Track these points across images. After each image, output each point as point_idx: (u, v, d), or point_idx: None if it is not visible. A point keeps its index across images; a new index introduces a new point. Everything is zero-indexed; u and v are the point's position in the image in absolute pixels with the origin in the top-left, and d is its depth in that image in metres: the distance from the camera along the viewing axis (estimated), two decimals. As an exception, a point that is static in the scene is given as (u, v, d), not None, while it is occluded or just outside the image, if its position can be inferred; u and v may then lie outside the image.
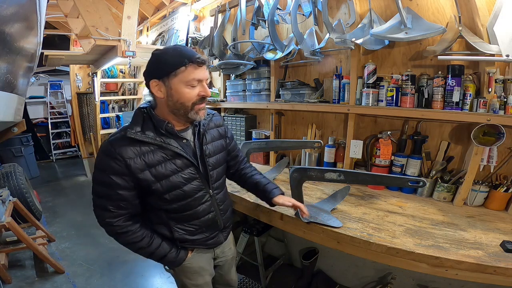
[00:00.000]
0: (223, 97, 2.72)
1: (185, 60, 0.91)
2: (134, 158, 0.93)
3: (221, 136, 1.18)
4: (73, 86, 5.83)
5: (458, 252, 1.04)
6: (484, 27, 1.29)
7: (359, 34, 1.57)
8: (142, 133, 0.95)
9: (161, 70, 0.94)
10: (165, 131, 0.98)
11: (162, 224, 1.08)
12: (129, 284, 2.21)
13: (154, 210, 1.07)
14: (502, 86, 1.31)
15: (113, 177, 0.93)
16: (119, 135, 0.96)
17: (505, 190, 1.36)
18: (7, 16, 1.63)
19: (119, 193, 0.95)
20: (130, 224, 1.00)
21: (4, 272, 2.11)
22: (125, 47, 2.66)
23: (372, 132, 1.79)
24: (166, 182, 0.98)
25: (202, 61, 0.94)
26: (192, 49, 0.97)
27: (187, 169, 1.02)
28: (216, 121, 1.18)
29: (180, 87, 0.94)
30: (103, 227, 1.01)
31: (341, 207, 1.46)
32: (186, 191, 1.02)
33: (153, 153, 0.96)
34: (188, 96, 0.95)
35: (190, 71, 0.93)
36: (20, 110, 2.42)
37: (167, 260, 1.09)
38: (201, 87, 0.97)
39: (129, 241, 1.01)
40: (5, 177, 2.95)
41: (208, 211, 1.11)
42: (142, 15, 4.17)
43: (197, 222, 1.10)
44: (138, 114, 1.00)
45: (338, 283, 2.00)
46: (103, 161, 0.94)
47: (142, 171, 0.94)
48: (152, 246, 1.04)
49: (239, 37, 2.33)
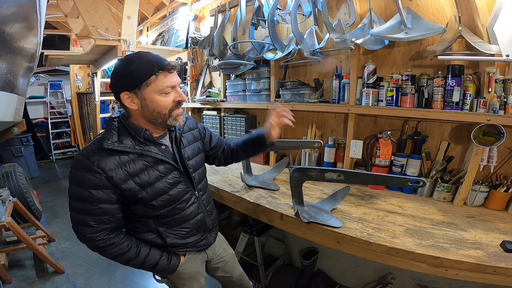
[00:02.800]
0: (223, 97, 2.72)
1: (154, 69, 0.89)
2: (115, 169, 0.90)
3: (196, 139, 1.19)
4: (73, 86, 5.84)
5: (458, 252, 1.04)
6: (484, 27, 1.29)
7: (359, 34, 1.57)
8: (120, 143, 0.92)
9: (131, 82, 0.90)
10: (143, 138, 0.97)
11: (150, 232, 1.05)
12: (129, 284, 2.21)
13: (141, 219, 1.04)
14: (502, 86, 1.30)
15: (93, 192, 0.89)
16: (94, 147, 0.92)
17: (505, 190, 1.36)
18: (7, 16, 1.63)
19: (100, 207, 0.91)
20: (113, 237, 0.96)
21: (4, 272, 2.12)
22: (125, 47, 2.67)
23: (372, 132, 1.79)
24: (152, 189, 0.96)
25: (172, 67, 0.93)
26: (157, 55, 0.94)
27: (171, 174, 1.01)
28: (189, 124, 1.19)
29: (154, 97, 0.92)
30: (84, 243, 0.96)
31: (341, 207, 1.46)
32: (172, 195, 1.02)
33: (134, 162, 0.94)
34: (163, 104, 0.94)
35: (162, 79, 0.91)
36: (20, 110, 2.42)
37: (160, 268, 1.06)
38: (176, 93, 0.97)
39: (115, 253, 0.98)
40: (5, 177, 2.95)
41: (196, 213, 1.11)
42: (142, 15, 4.17)
43: (187, 225, 1.09)
44: (111, 125, 0.96)
45: (338, 283, 2.00)
46: (80, 175, 0.90)
47: (125, 181, 0.92)
48: (141, 256, 1.01)
49: (239, 37, 2.33)
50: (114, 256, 0.99)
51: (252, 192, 1.70)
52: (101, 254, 0.99)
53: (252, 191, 1.73)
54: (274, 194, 1.68)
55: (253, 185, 1.78)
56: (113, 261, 1.01)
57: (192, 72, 3.06)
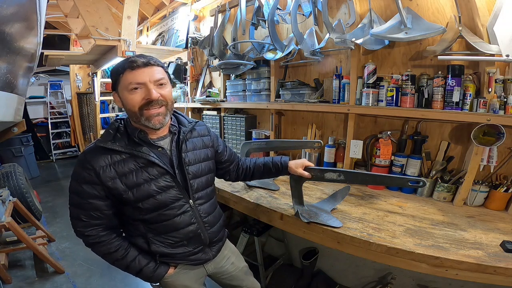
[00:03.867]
0: (223, 97, 2.72)
1: (124, 66, 0.91)
2: (104, 166, 0.92)
3: (205, 146, 1.15)
4: (73, 86, 5.84)
5: (458, 252, 1.04)
6: (484, 27, 1.29)
7: (359, 34, 1.57)
8: (112, 142, 0.94)
9: (113, 82, 0.97)
10: (138, 139, 0.97)
11: (140, 236, 1.04)
12: (129, 284, 2.21)
13: (132, 221, 1.03)
14: (502, 86, 1.30)
15: (84, 186, 0.93)
16: (92, 145, 0.97)
17: (505, 190, 1.36)
18: (7, 16, 1.63)
19: (90, 201, 0.94)
20: (104, 235, 0.98)
21: (4, 272, 2.12)
22: (125, 47, 2.66)
23: (372, 132, 1.79)
24: (138, 191, 0.95)
25: (134, 63, 0.90)
26: (142, 55, 0.95)
27: (162, 178, 0.98)
28: (200, 130, 1.16)
29: (123, 94, 0.93)
30: (78, 237, 1.00)
31: (341, 207, 1.46)
32: (160, 200, 0.98)
33: (124, 162, 0.94)
34: (131, 102, 0.92)
35: (126, 76, 0.91)
36: (20, 110, 2.41)
37: (144, 274, 1.04)
38: (145, 91, 0.92)
39: (103, 251, 0.99)
40: (5, 177, 2.95)
41: (188, 223, 1.05)
42: (142, 15, 4.17)
43: (176, 234, 1.04)
44: (112, 124, 1.00)
45: (338, 283, 2.00)
46: (77, 171, 0.94)
47: (112, 179, 0.93)
48: (127, 259, 1.01)
49: (239, 37, 2.33)
50: (103, 255, 1.01)
51: (252, 192, 1.70)
52: (93, 251, 1.01)
53: (252, 191, 1.73)
54: (274, 194, 1.68)
55: (253, 185, 1.78)
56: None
57: (192, 72, 3.07)
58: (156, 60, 0.96)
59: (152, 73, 0.93)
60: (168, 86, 0.99)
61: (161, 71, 0.96)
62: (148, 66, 0.92)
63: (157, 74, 0.94)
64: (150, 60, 0.93)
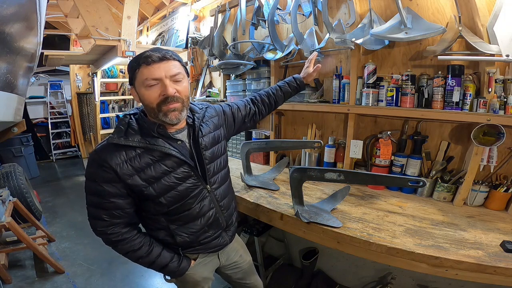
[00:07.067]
0: (223, 97, 2.71)
1: (139, 62, 0.90)
2: (120, 163, 0.90)
3: (217, 127, 1.15)
4: (73, 86, 5.84)
5: (458, 252, 1.04)
6: (484, 27, 1.29)
7: (359, 34, 1.57)
8: (125, 138, 0.92)
9: (130, 76, 0.96)
10: (157, 133, 0.96)
11: (162, 230, 1.04)
12: (129, 284, 2.21)
13: (152, 216, 1.03)
14: (502, 86, 1.30)
15: (104, 186, 0.91)
16: (104, 144, 0.94)
17: (505, 190, 1.36)
18: (7, 16, 1.62)
19: (112, 201, 0.92)
20: (125, 232, 0.97)
21: (4, 272, 2.12)
22: (125, 47, 2.67)
23: (372, 132, 1.79)
24: (159, 184, 0.95)
25: (150, 58, 0.89)
26: (158, 48, 0.93)
27: (180, 168, 0.98)
28: (209, 113, 1.15)
29: (140, 90, 0.92)
30: (98, 236, 0.99)
31: (341, 207, 1.46)
32: (181, 190, 0.99)
33: (139, 157, 0.93)
34: (148, 98, 0.91)
35: (142, 72, 0.90)
36: (20, 110, 2.41)
37: (169, 269, 1.06)
38: (161, 86, 0.90)
39: (126, 249, 0.99)
40: (5, 177, 2.95)
41: (208, 208, 1.07)
42: (142, 15, 4.18)
43: (197, 222, 1.06)
44: (122, 120, 0.98)
45: (338, 283, 2.00)
46: (92, 170, 0.92)
47: (131, 177, 0.91)
48: (152, 255, 1.01)
49: (239, 37, 2.33)
50: (125, 253, 1.00)
51: (252, 192, 1.70)
52: (114, 249, 1.00)
53: (252, 191, 1.73)
54: (274, 194, 1.68)
55: (253, 185, 1.78)
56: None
57: (192, 72, 3.06)
58: (172, 54, 0.94)
59: (168, 68, 0.91)
60: (184, 81, 0.97)
61: (177, 65, 0.95)
62: (164, 60, 0.90)
63: (174, 68, 0.92)
64: (166, 54, 0.91)
